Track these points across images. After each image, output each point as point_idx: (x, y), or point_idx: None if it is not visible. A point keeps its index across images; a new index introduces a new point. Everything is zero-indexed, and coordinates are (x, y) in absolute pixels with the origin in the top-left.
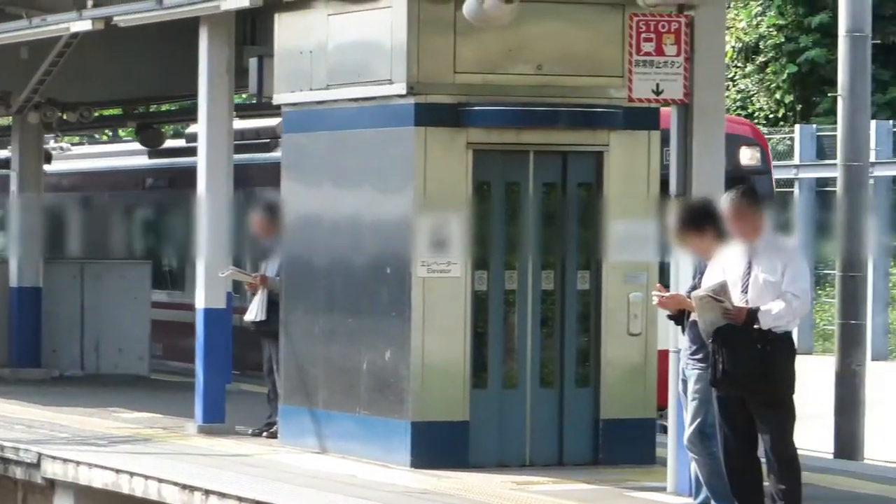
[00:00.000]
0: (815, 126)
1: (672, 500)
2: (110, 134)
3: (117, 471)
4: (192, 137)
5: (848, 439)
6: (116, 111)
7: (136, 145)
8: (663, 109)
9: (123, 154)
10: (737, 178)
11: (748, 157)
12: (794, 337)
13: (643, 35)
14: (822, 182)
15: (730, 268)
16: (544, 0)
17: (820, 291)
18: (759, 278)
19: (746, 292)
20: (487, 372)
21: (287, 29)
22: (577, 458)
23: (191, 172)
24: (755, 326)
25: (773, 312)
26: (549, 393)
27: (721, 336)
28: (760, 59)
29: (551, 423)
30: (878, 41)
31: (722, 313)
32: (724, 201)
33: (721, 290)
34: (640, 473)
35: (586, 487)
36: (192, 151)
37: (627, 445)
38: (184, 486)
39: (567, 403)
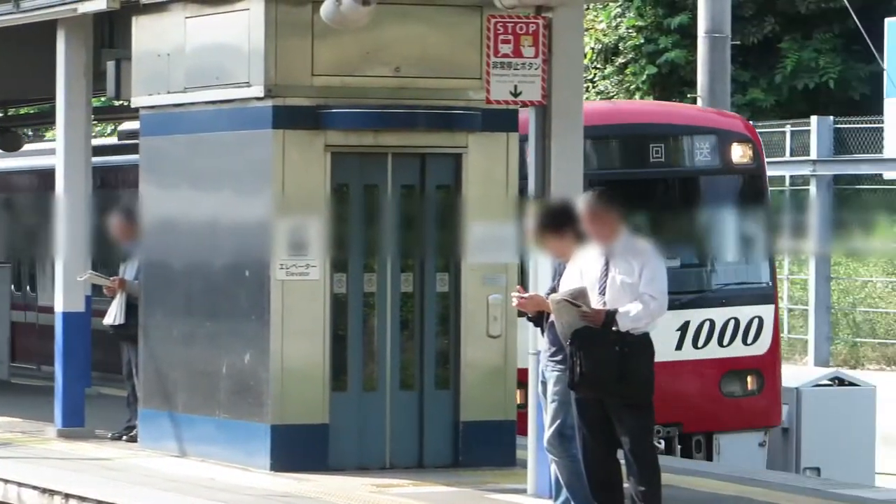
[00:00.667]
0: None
1: (532, 502)
2: None
3: None
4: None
5: None
6: None
7: None
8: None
9: None
10: (728, 177)
11: (739, 154)
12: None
13: (501, 37)
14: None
15: (587, 269)
16: (402, 2)
17: None
18: (617, 280)
19: (604, 294)
20: (347, 375)
21: (145, 32)
22: (438, 461)
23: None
24: (613, 328)
25: (632, 314)
26: (408, 395)
27: (579, 338)
28: (620, 60)
29: (411, 425)
30: (738, 42)
31: (580, 316)
32: (581, 203)
33: (579, 295)
34: (501, 475)
35: (446, 490)
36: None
37: (487, 448)
38: (43, 490)
39: (427, 406)
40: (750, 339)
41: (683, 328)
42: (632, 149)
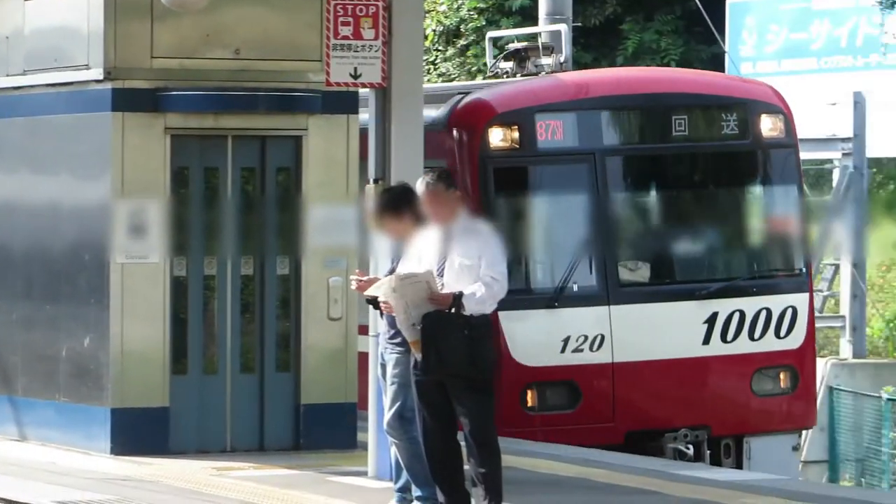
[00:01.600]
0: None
1: (373, 484)
2: None
3: None
4: None
5: None
6: None
7: None
8: None
9: None
10: (756, 151)
11: (769, 127)
12: None
13: (341, 19)
14: None
15: (426, 251)
16: None
17: None
18: (456, 262)
19: (442, 275)
20: (187, 358)
21: None
22: (278, 444)
23: None
24: (461, 312)
25: (477, 296)
26: (249, 378)
27: (431, 323)
28: (461, 42)
29: (251, 408)
30: (580, 24)
31: (428, 297)
32: (419, 185)
33: (429, 277)
34: (341, 458)
35: (287, 473)
36: None
37: (328, 430)
38: None
39: (267, 389)
40: (783, 332)
41: (711, 320)
42: (646, 121)
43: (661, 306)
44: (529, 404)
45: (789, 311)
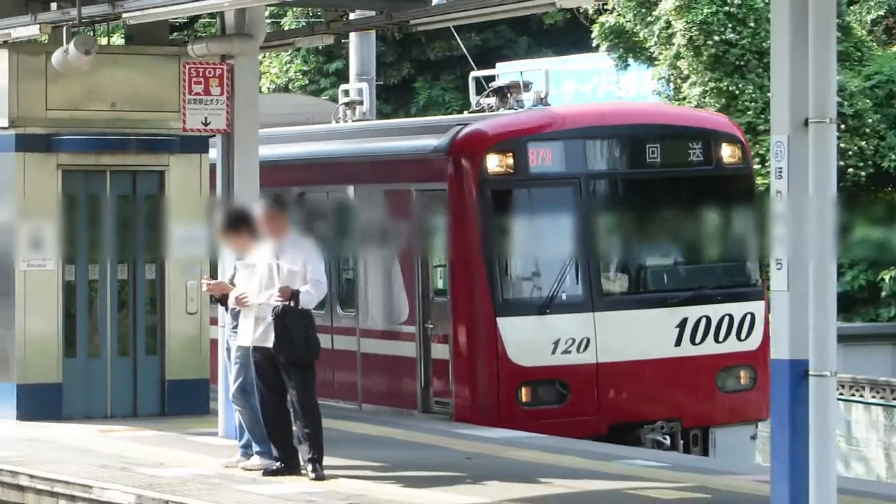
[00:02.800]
0: None
1: (222, 442)
2: None
3: None
4: None
5: None
6: None
7: None
8: None
9: None
10: (718, 178)
11: (729, 154)
12: None
13: (194, 79)
14: None
15: (263, 260)
16: (116, 52)
17: None
18: (285, 269)
19: (276, 280)
20: (76, 344)
21: None
22: (149, 412)
23: None
24: (298, 308)
25: (311, 294)
26: (125, 360)
27: (281, 314)
28: None
29: (127, 384)
30: (381, 82)
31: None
32: (258, 207)
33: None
34: (198, 422)
35: (155, 433)
36: None
37: (187, 400)
38: None
39: (139, 368)
40: (743, 335)
41: (682, 325)
42: (625, 149)
43: (639, 313)
44: (524, 400)
45: (748, 317)
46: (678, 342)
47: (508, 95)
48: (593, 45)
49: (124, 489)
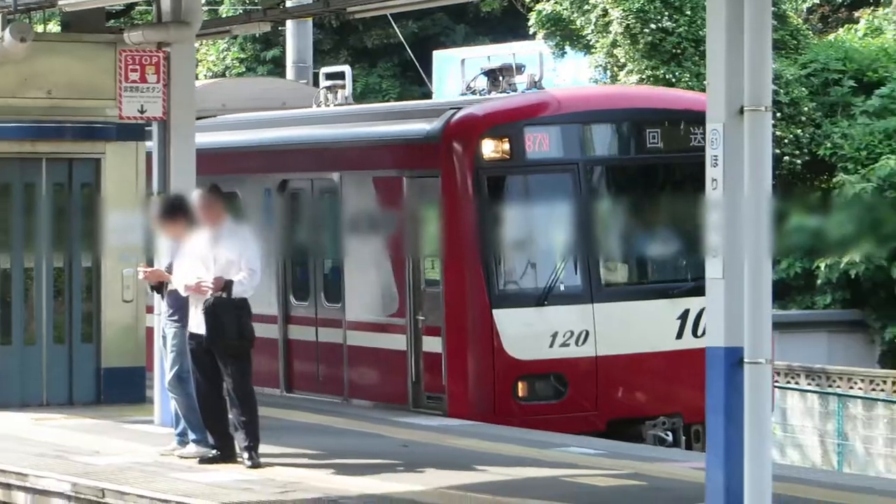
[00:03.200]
0: None
1: (158, 430)
2: None
3: None
4: None
5: None
6: None
7: None
8: None
9: None
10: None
11: None
12: None
13: (130, 66)
14: None
15: (198, 249)
16: (52, 40)
17: None
18: (223, 257)
19: (212, 268)
20: (12, 332)
21: None
22: (85, 399)
23: None
24: (232, 297)
25: (244, 283)
26: (60, 348)
27: (212, 305)
28: None
29: (63, 371)
30: (318, 70)
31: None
32: (195, 196)
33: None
34: (134, 410)
35: (91, 422)
36: None
37: (123, 388)
38: None
39: (75, 356)
40: None
41: (683, 317)
42: (624, 134)
43: (640, 304)
44: (520, 395)
45: None
46: (679, 335)
47: (500, 78)
48: (530, 32)
49: (60, 477)
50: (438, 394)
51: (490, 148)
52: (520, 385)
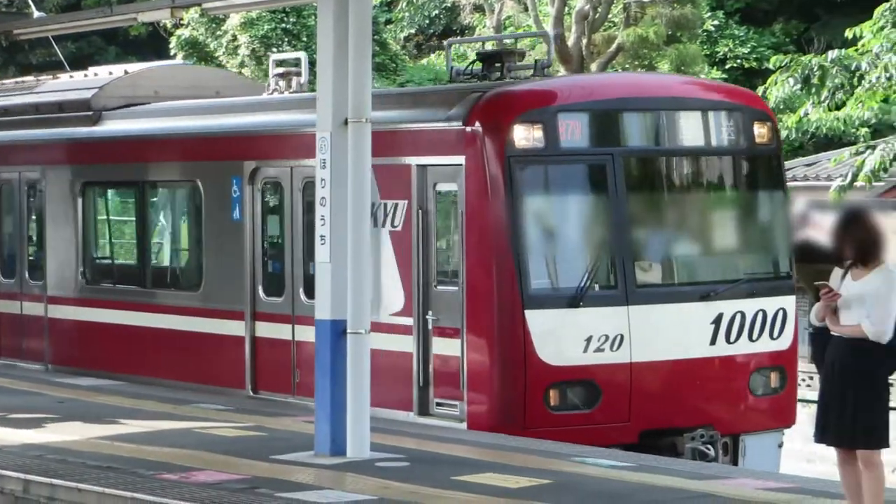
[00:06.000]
0: None
1: None
2: None
3: None
4: None
5: None
6: None
7: None
8: None
9: None
10: (749, 158)
11: (760, 133)
12: None
13: None
14: None
15: None
16: None
17: None
18: None
19: None
20: None
21: None
22: None
23: None
24: None
25: None
26: None
27: None
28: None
29: None
30: None
31: None
32: None
33: None
34: None
35: None
36: None
37: None
38: None
39: None
40: (776, 334)
41: (717, 321)
42: (661, 123)
43: (674, 307)
44: (552, 404)
45: (780, 313)
46: (713, 340)
47: (503, 64)
48: (171, 54)
49: None
50: (453, 401)
51: (522, 134)
52: (551, 393)
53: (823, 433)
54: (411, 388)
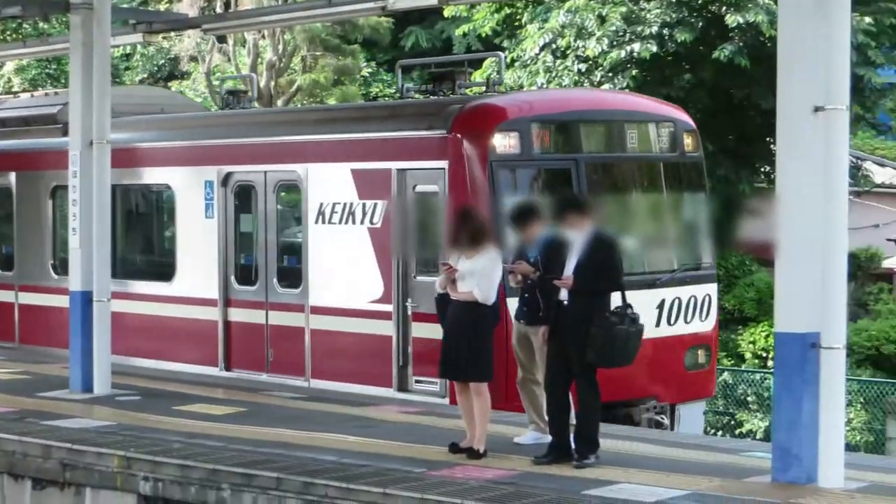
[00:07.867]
0: None
1: None
2: None
3: None
4: None
5: None
6: None
7: None
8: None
9: None
10: (680, 164)
11: (688, 142)
12: None
13: None
14: None
15: None
16: None
17: None
18: None
19: None
20: None
21: None
22: None
23: None
24: None
25: None
26: None
27: None
28: None
29: None
30: None
31: None
32: None
33: None
34: None
35: None
36: None
37: None
38: None
39: None
40: (703, 316)
41: (661, 306)
42: (614, 133)
43: (629, 294)
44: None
45: (706, 298)
46: (658, 323)
47: (454, 81)
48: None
49: None
50: (433, 378)
51: (502, 142)
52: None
53: (446, 370)
54: (391, 367)
